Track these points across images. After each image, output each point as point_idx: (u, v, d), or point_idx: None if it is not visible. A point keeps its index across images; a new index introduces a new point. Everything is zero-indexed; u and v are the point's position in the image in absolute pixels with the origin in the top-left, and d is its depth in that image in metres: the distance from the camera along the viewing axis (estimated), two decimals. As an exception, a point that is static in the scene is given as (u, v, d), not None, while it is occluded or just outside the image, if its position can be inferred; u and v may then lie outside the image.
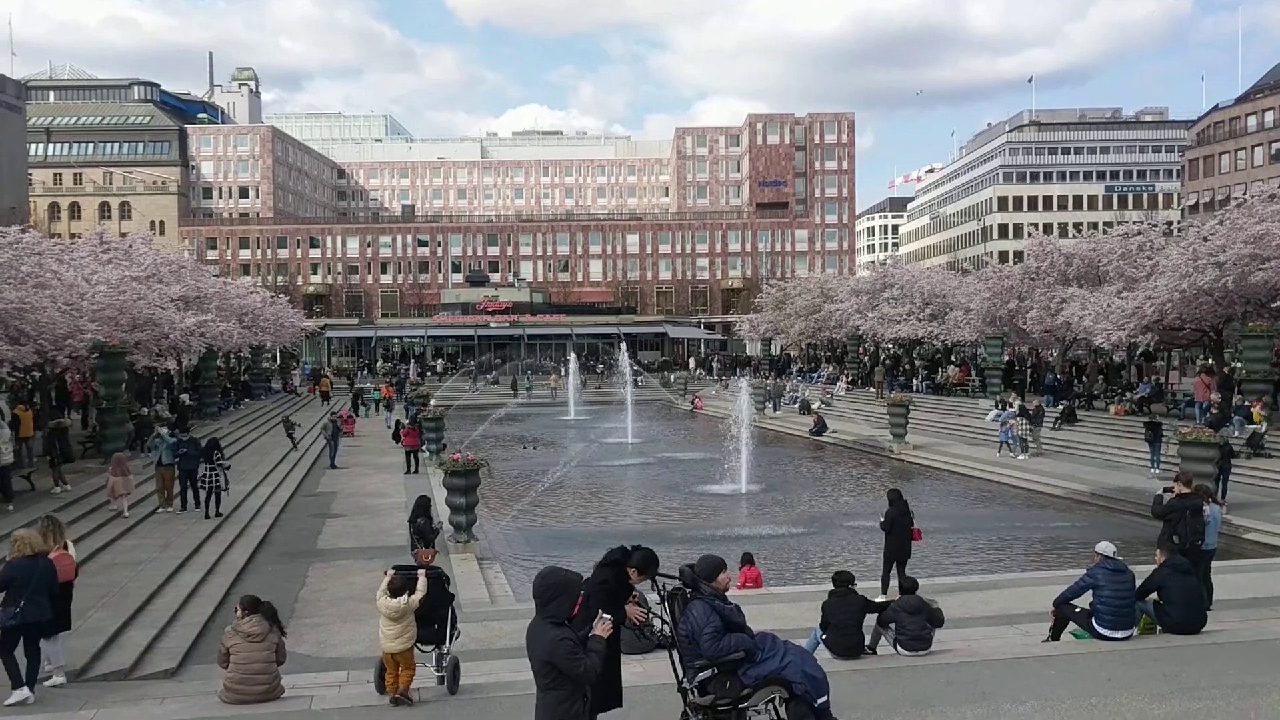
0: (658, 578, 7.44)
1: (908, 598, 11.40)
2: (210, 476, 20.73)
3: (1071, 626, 11.28)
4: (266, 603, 10.17)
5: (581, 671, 5.86)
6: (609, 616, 6.15)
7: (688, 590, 7.43)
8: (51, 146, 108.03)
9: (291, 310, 62.41)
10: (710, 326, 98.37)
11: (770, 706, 7.37)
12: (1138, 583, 11.05)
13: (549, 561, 19.45)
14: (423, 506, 17.55)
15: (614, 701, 7.07)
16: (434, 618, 10.35)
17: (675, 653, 7.36)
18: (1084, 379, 41.21)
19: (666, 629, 7.50)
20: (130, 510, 20.19)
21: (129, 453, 23.86)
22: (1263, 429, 26.71)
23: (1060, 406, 35.07)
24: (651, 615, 7.43)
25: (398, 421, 37.88)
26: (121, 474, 20.05)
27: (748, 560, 16.26)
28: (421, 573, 10.26)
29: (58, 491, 20.82)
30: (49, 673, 10.77)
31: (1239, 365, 33.21)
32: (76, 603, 13.88)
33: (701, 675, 7.26)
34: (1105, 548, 11.13)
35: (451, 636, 10.46)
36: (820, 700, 7.31)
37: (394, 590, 9.78)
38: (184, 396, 37.17)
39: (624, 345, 68.76)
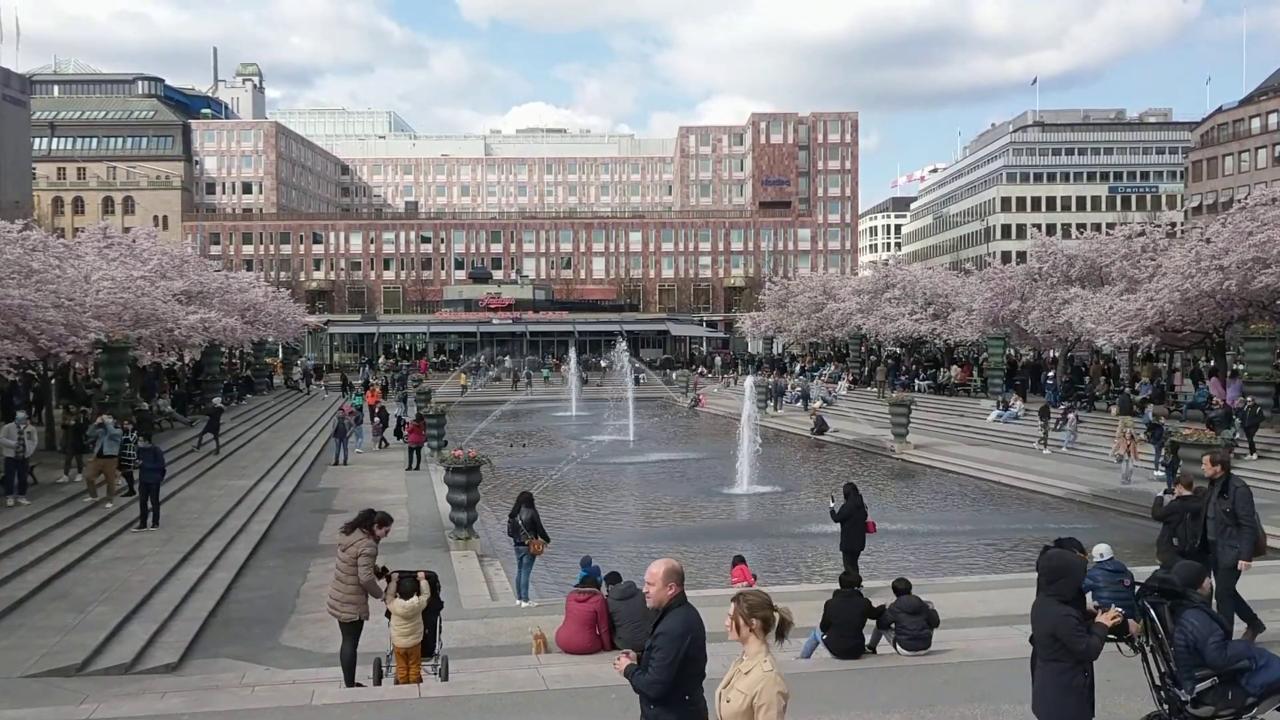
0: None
1: (907, 598, 11.46)
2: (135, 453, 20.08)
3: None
4: (364, 513, 10.63)
5: (1083, 648, 6.18)
6: (1121, 610, 6.45)
7: (1165, 600, 7.31)
8: (55, 140, 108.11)
9: (294, 305, 62.38)
10: (713, 324, 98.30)
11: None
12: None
13: (552, 560, 19.48)
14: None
15: None
16: (428, 622, 10.56)
17: (1155, 660, 7.23)
18: (1086, 379, 41.14)
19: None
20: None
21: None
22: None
23: (1062, 406, 35.10)
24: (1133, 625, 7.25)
25: (399, 418, 37.91)
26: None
27: (739, 560, 16.30)
28: (423, 576, 10.46)
29: (64, 481, 20.94)
30: None
31: (1241, 367, 33.23)
32: (78, 596, 13.98)
33: (1201, 686, 7.10)
34: (1102, 550, 11.13)
35: (438, 644, 10.82)
36: None
37: (404, 593, 10.21)
38: (216, 400, 33.79)
39: (625, 342, 68.70)
